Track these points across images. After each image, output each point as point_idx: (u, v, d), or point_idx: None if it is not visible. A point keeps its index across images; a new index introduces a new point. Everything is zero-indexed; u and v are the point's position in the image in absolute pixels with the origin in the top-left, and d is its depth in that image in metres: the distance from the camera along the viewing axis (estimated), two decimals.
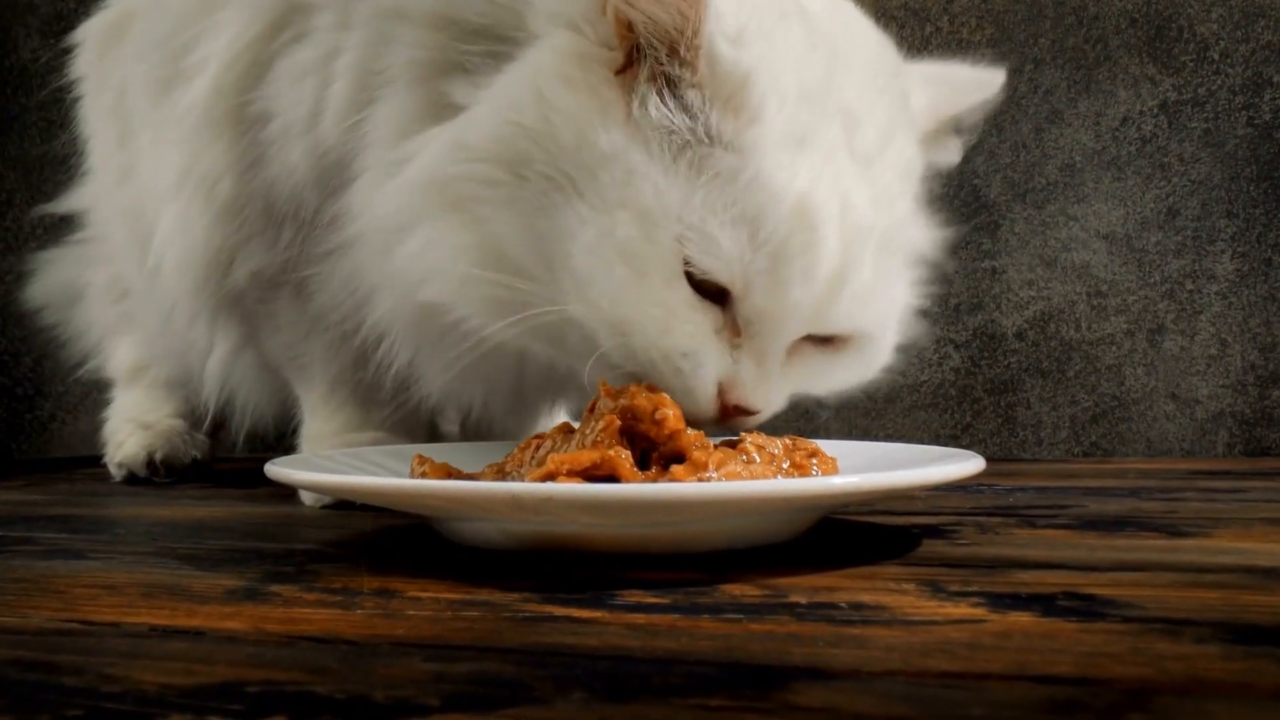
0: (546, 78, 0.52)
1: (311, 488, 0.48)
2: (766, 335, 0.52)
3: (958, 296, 1.12)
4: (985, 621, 0.34)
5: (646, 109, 0.51)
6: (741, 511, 0.44)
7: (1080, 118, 1.09)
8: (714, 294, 0.51)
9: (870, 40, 0.59)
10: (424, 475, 0.49)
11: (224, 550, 0.52)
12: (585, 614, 0.36)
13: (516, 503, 0.41)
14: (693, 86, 0.51)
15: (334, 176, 0.61)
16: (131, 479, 0.92)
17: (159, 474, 0.91)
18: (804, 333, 0.53)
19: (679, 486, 0.41)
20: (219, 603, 0.40)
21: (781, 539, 0.48)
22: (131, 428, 0.94)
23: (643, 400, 0.47)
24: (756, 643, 0.32)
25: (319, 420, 0.73)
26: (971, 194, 1.12)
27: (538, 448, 0.49)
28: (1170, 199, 1.07)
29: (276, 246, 0.66)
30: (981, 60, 0.67)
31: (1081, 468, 0.93)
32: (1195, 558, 0.45)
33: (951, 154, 0.65)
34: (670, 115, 0.50)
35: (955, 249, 1.10)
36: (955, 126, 0.64)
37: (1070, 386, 1.09)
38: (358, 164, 0.59)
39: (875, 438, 1.12)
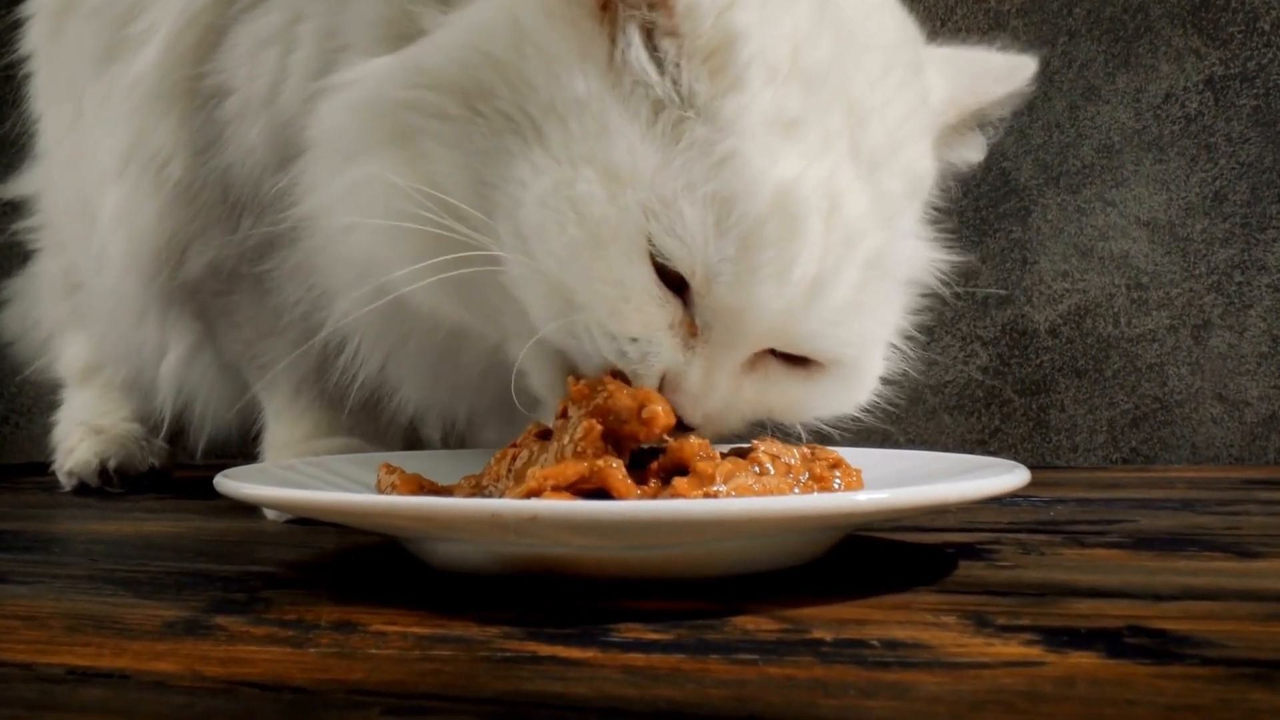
0: (525, 6, 0.48)
1: (264, 504, 0.44)
2: (722, 339, 0.48)
3: (985, 289, 1.09)
4: (1043, 664, 0.31)
5: (628, 56, 0.48)
6: (756, 532, 0.40)
7: (1119, 94, 1.07)
8: (676, 284, 0.48)
9: (892, 26, 0.56)
10: (392, 488, 0.46)
11: (169, 573, 0.49)
12: (574, 653, 0.33)
13: (497, 523, 0.38)
14: (668, 35, 0.48)
15: (290, 148, 0.58)
16: (82, 489, 0.89)
17: (112, 483, 0.88)
18: (768, 344, 0.49)
19: (682, 504, 0.38)
20: (153, 638, 0.36)
21: (799, 562, 0.45)
22: (83, 432, 0.91)
23: (624, 398, 0.44)
24: (776, 691, 0.29)
25: (283, 426, 0.70)
26: (1000, 177, 1.09)
27: (514, 459, 0.46)
28: (1217, 182, 1.05)
29: (235, 236, 0.63)
30: (1010, 37, 0.64)
31: (1124, 476, 0.90)
32: (1273, 584, 0.42)
33: (974, 151, 0.61)
34: (647, 67, 0.47)
35: (983, 237, 1.09)
36: (979, 120, 0.60)
37: (1108, 387, 1.06)
38: (306, 134, 0.56)
39: (895, 443, 1.09)
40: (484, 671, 0.32)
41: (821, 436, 1.11)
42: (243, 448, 0.83)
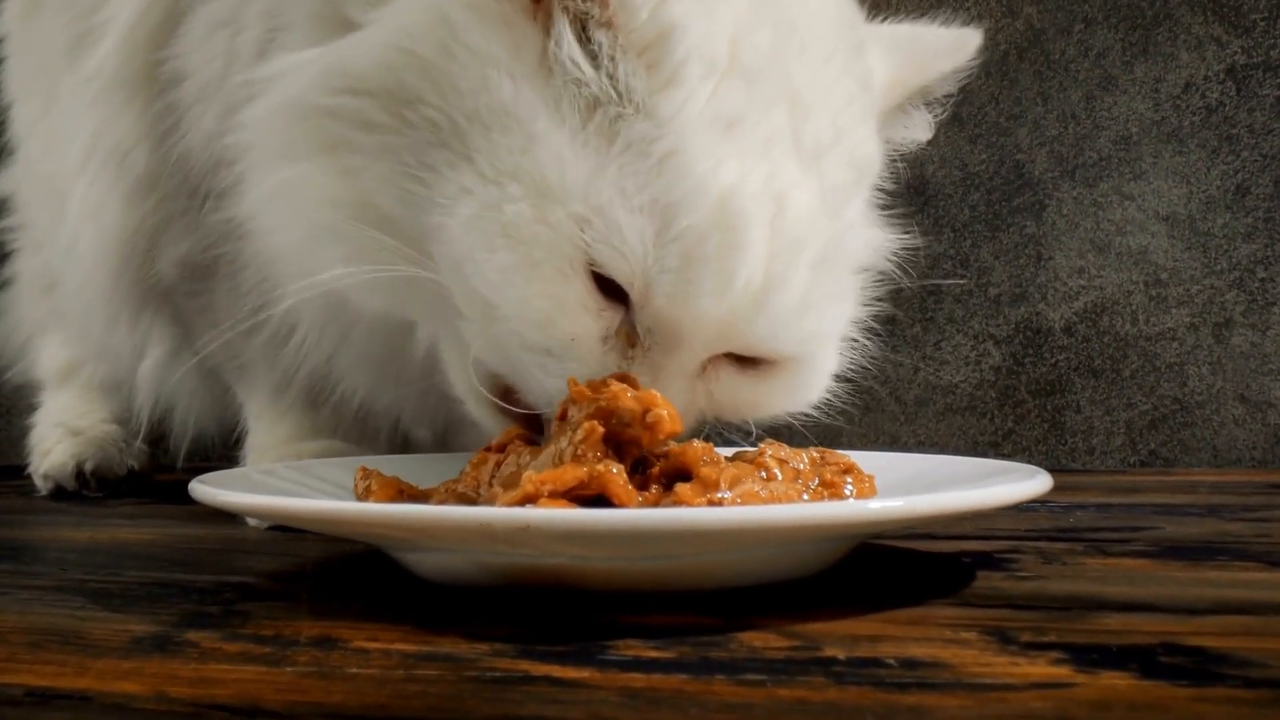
0: (454, 2, 0.47)
1: (239, 511, 0.43)
2: (664, 349, 0.48)
3: (998, 286, 1.08)
4: (1073, 685, 0.30)
5: (560, 51, 0.46)
6: (763, 542, 0.39)
7: (1137, 84, 1.05)
8: (617, 293, 0.47)
9: (831, 7, 0.55)
10: (368, 492, 0.45)
11: (141, 584, 0.47)
12: (570, 673, 0.32)
13: (487, 533, 0.36)
14: (603, 27, 0.46)
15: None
16: (59, 492, 0.87)
17: (90, 487, 0.87)
18: (712, 352, 0.49)
19: (685, 513, 0.36)
20: (119, 655, 0.35)
21: (807, 573, 0.43)
22: (60, 434, 0.90)
23: (629, 401, 0.42)
24: (786, 716, 0.27)
25: (264, 428, 0.69)
26: (1014, 170, 1.08)
27: (498, 464, 0.45)
28: (1239, 175, 1.03)
29: (201, 227, 0.62)
30: (1023, 24, 0.63)
31: (1143, 480, 0.88)
32: None
33: (921, 130, 0.60)
34: (580, 61, 0.46)
35: (995, 232, 1.08)
36: (925, 98, 0.60)
37: (1126, 388, 1.05)
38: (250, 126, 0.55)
39: (904, 446, 1.09)
40: (472, 693, 0.30)
41: (832, 438, 1.10)
42: (226, 451, 0.82)
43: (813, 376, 0.54)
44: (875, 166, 0.56)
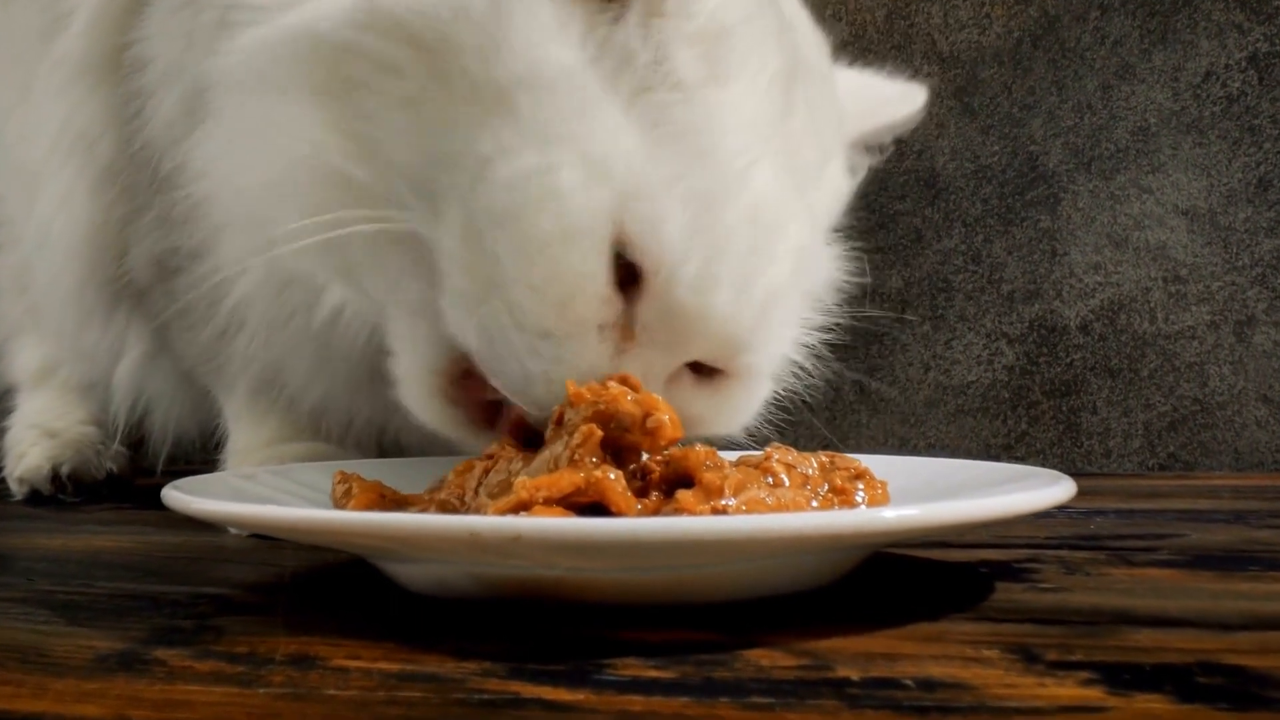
0: None
1: (212, 519, 0.41)
2: (664, 342, 0.47)
3: (1011, 282, 1.07)
4: (1106, 709, 0.28)
5: (616, 29, 0.46)
6: (770, 552, 0.38)
7: (1155, 73, 1.04)
8: (627, 282, 0.46)
9: (820, 45, 0.57)
10: (347, 497, 0.43)
11: (112, 596, 0.46)
12: (563, 695, 0.30)
13: (476, 543, 0.34)
14: (656, 14, 0.46)
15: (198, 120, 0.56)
16: (35, 497, 0.86)
17: (66, 491, 0.85)
18: (704, 353, 0.48)
19: (687, 522, 0.35)
20: (81, 674, 0.33)
21: (816, 585, 0.42)
22: (35, 436, 0.88)
23: (629, 405, 0.41)
24: None
25: (244, 430, 0.68)
26: (1027, 163, 1.07)
27: (486, 470, 0.43)
28: (1261, 167, 1.02)
29: (170, 220, 0.61)
30: (1037, 10, 0.64)
31: (1163, 484, 0.87)
32: None
33: (858, 173, 0.62)
34: (639, 44, 0.46)
35: (1008, 227, 1.07)
36: (868, 143, 0.63)
37: (1144, 388, 1.04)
38: (211, 104, 0.53)
39: (914, 448, 1.08)
40: (458, 717, 0.29)
41: (840, 440, 1.09)
42: (208, 455, 0.80)
43: (764, 393, 0.53)
44: (842, 198, 0.58)
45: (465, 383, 0.49)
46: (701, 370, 0.49)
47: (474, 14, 0.45)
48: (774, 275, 0.47)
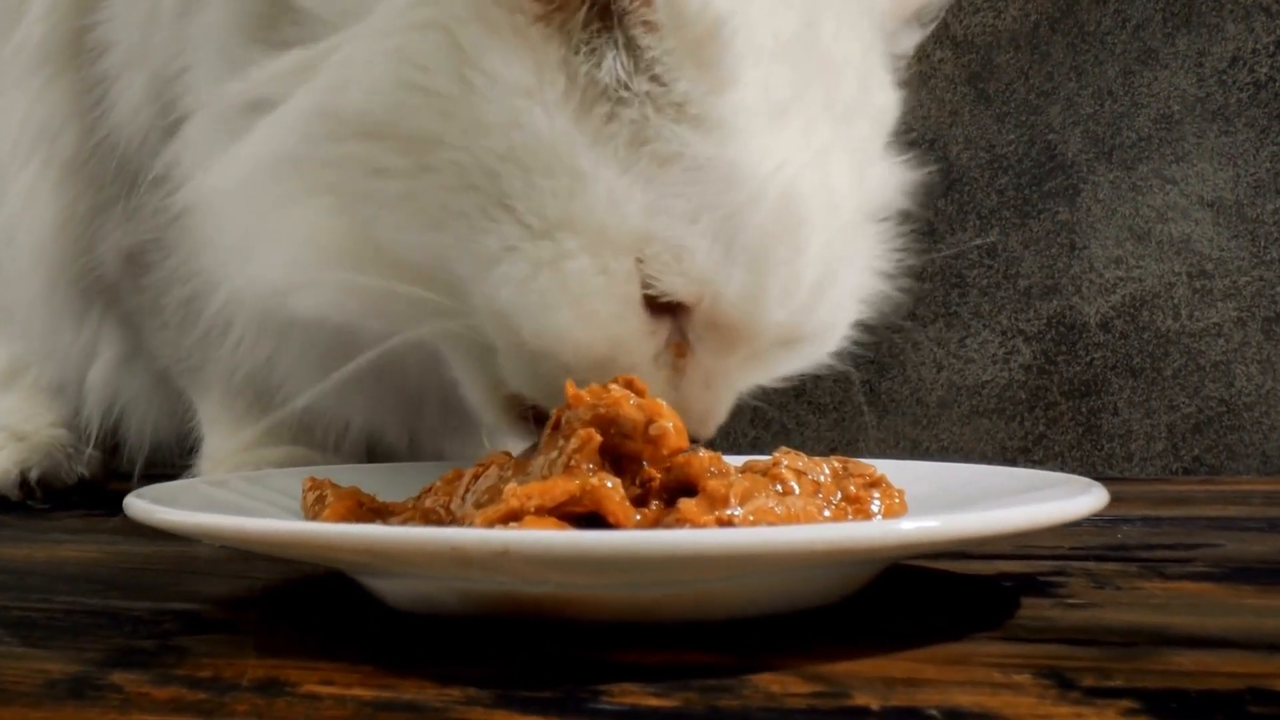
0: (460, 18, 0.44)
1: (176, 530, 0.40)
2: (720, 349, 0.47)
3: (1028, 278, 1.05)
4: None
5: (595, 67, 0.44)
6: (781, 567, 0.36)
7: (1179, 58, 1.03)
8: (668, 308, 0.46)
9: None
10: (320, 504, 0.41)
11: (71, 612, 0.44)
12: None
13: (459, 557, 0.33)
14: (645, 25, 0.44)
15: (174, 111, 0.55)
16: (2, 503, 0.84)
17: (35, 497, 0.84)
18: (766, 348, 0.49)
19: (691, 534, 0.34)
20: (28, 702, 0.31)
21: (828, 601, 0.40)
22: (2, 439, 0.86)
23: (631, 409, 0.39)
24: None
25: (219, 435, 0.66)
26: (1045, 152, 1.05)
27: (475, 477, 0.42)
28: None
29: (140, 214, 0.60)
30: None
31: (1190, 490, 0.85)
32: None
33: (906, 45, 0.59)
34: (626, 75, 0.44)
35: (1025, 219, 1.06)
36: (918, 19, 0.59)
37: (1167, 388, 1.03)
38: (187, 98, 0.52)
39: (926, 451, 1.07)
40: None
41: (847, 443, 1.07)
42: (185, 460, 0.79)
43: (841, 333, 0.54)
44: (891, 113, 0.55)
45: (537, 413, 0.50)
46: None
47: (442, 94, 0.44)
48: (817, 259, 0.47)
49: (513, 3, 0.44)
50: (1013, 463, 1.03)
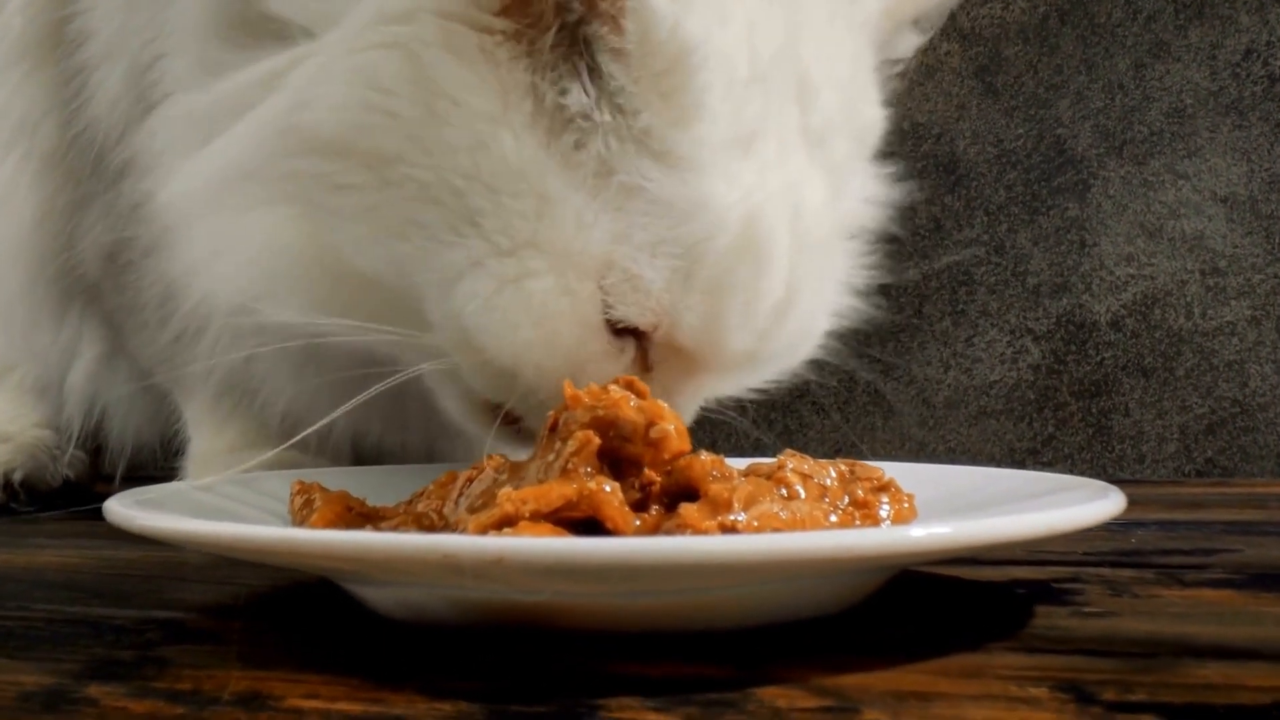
0: (425, 41, 0.44)
1: (156, 536, 0.39)
2: (682, 373, 0.48)
3: (1037, 275, 1.05)
4: None
5: (562, 94, 0.44)
6: (786, 575, 0.35)
7: (1191, 50, 1.02)
8: (630, 331, 0.47)
9: None
10: (307, 508, 0.41)
11: (51, 621, 0.43)
12: None
13: (451, 565, 0.32)
14: (612, 52, 0.44)
15: (149, 103, 0.54)
16: None
17: (19, 500, 0.83)
18: (728, 372, 0.51)
19: (692, 541, 0.33)
20: (1, 716, 0.30)
21: (837, 609, 0.39)
22: None
23: (631, 411, 0.39)
24: None
25: (205, 437, 0.66)
26: (1055, 147, 1.05)
27: (469, 480, 0.41)
28: None
29: (117, 209, 0.59)
30: None
31: (1204, 492, 0.84)
32: None
33: (904, 49, 0.59)
34: (591, 103, 0.44)
35: (1034, 215, 1.06)
36: (917, 24, 0.59)
37: (1180, 388, 1.02)
38: (160, 85, 0.52)
39: (932, 453, 1.06)
40: None
41: (850, 445, 1.06)
42: (171, 462, 0.78)
43: (805, 349, 0.54)
44: (876, 131, 0.55)
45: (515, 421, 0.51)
46: None
47: (405, 117, 0.44)
48: (778, 285, 0.47)
49: (480, 22, 0.44)
50: (1021, 464, 1.03)
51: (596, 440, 0.38)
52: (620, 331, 0.47)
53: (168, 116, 0.51)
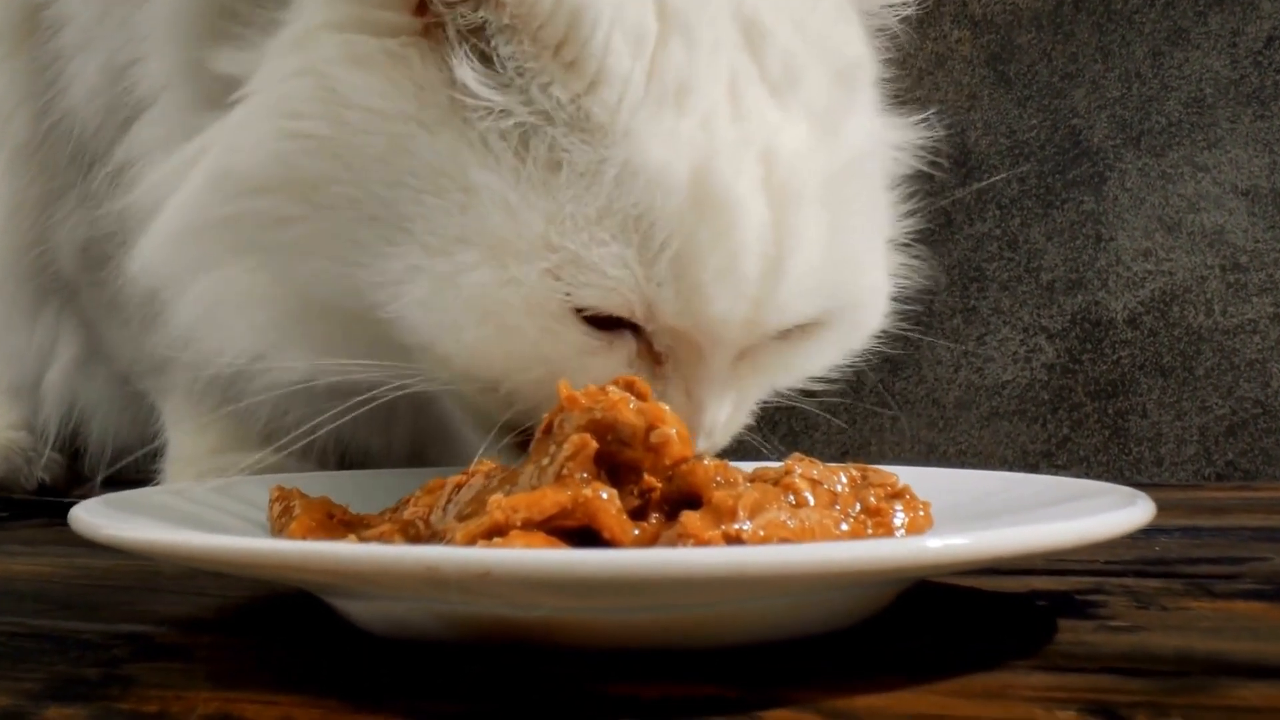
0: (328, 59, 0.45)
1: (119, 546, 0.38)
2: (690, 358, 0.47)
3: (1051, 271, 1.05)
4: None
5: (465, 79, 0.45)
6: (795, 589, 0.34)
7: (1211, 38, 1.02)
8: (619, 322, 0.46)
9: None
10: (286, 516, 0.40)
11: (14, 635, 0.42)
12: None
13: (434, 579, 0.30)
14: (503, 33, 0.44)
15: (130, 98, 0.55)
16: None
17: None
18: (745, 344, 0.48)
19: (694, 553, 0.32)
20: None
21: (848, 624, 0.38)
22: None
23: (630, 414, 0.37)
24: None
25: (185, 438, 0.66)
26: (1070, 137, 1.05)
27: (458, 488, 0.40)
28: None
29: (91, 202, 0.59)
30: None
31: (1226, 497, 0.83)
32: None
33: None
34: (491, 87, 0.44)
35: (1048, 209, 1.05)
36: None
37: (1199, 388, 1.02)
38: (138, 90, 0.53)
39: (943, 456, 1.06)
40: None
41: (859, 447, 1.05)
42: (152, 465, 0.78)
43: (867, 314, 0.53)
44: (866, 68, 0.54)
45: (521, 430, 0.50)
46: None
47: (320, 136, 0.45)
48: (757, 239, 0.45)
49: (378, 28, 0.45)
50: (1035, 468, 1.03)
51: (593, 444, 0.37)
52: (600, 323, 0.46)
53: (150, 139, 0.53)
